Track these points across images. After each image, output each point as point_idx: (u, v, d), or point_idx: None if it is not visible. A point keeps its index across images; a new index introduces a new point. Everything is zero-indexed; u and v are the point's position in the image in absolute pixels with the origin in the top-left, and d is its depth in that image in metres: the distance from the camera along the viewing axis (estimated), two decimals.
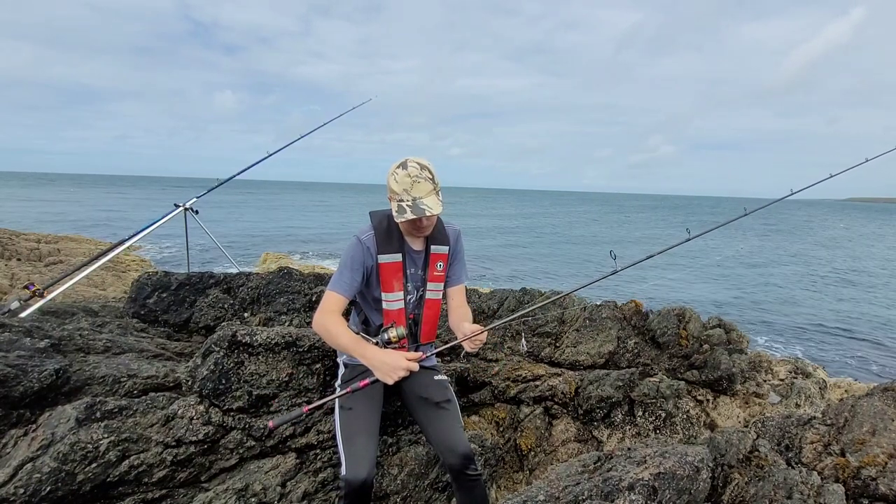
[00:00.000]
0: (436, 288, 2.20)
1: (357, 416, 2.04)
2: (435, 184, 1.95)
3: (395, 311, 2.13)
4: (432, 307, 2.22)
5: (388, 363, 1.90)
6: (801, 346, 11.99)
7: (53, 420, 2.04)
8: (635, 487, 1.84)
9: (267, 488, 2.19)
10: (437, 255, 2.17)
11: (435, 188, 1.96)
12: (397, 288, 2.12)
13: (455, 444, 2.01)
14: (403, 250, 2.11)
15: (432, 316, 2.22)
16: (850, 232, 55.80)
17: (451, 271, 2.26)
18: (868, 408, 2.41)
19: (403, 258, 2.11)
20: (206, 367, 2.33)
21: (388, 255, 2.08)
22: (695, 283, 20.33)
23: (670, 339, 3.83)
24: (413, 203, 1.91)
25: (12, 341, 2.33)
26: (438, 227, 2.19)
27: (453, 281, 2.27)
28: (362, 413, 2.05)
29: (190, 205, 4.55)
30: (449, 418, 2.10)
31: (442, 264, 2.19)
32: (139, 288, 3.41)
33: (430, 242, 2.17)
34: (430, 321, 2.23)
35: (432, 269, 2.16)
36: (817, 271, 25.09)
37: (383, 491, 2.34)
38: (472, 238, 30.63)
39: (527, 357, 3.67)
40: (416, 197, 1.91)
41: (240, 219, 40.18)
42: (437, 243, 2.18)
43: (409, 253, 2.14)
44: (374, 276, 2.10)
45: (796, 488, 2.03)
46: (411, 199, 1.91)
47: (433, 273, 2.17)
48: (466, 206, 78.85)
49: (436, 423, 2.10)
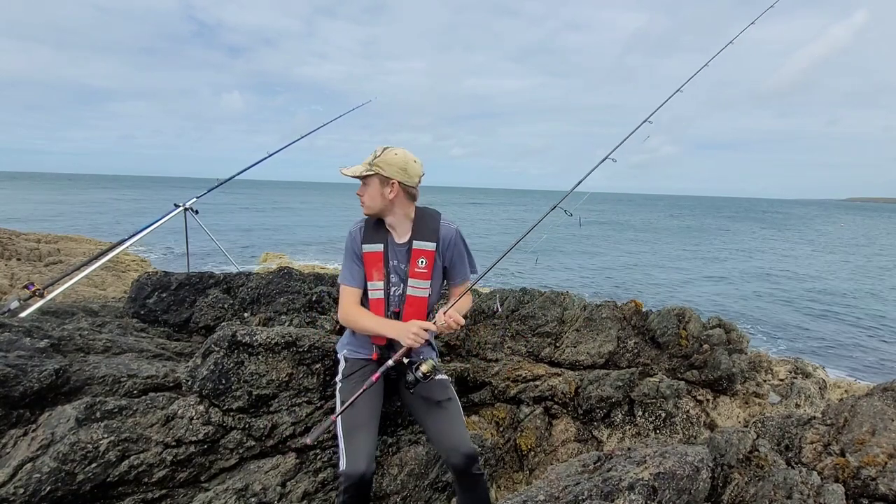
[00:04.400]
0: (418, 285, 2.16)
1: (358, 413, 2.04)
2: (372, 156, 2.15)
3: (375, 301, 2.16)
4: (414, 304, 2.16)
5: (406, 328, 2.01)
6: (802, 347, 11.99)
7: (53, 420, 2.04)
8: (635, 487, 1.84)
9: (267, 488, 2.19)
10: (419, 251, 2.15)
11: (368, 160, 2.14)
12: (377, 277, 2.15)
13: (458, 443, 2.00)
14: (386, 241, 2.16)
15: (414, 314, 2.15)
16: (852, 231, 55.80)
17: (452, 270, 2.25)
18: (868, 408, 2.41)
19: (385, 249, 2.15)
20: (206, 367, 2.33)
21: (370, 244, 2.17)
22: (699, 284, 20.34)
23: (670, 338, 3.83)
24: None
25: (12, 341, 2.33)
26: (426, 221, 2.19)
27: (456, 280, 2.28)
28: (363, 409, 2.05)
29: (190, 205, 4.55)
30: (451, 417, 2.10)
31: (425, 261, 2.15)
32: (139, 288, 3.41)
33: (415, 237, 2.16)
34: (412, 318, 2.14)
35: (413, 264, 2.14)
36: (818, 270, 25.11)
37: (383, 491, 2.34)
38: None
39: (526, 357, 3.67)
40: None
41: (240, 219, 40.19)
42: (421, 238, 2.16)
43: (392, 244, 2.17)
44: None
45: (796, 488, 2.03)
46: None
47: (414, 269, 2.14)
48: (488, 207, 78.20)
49: (438, 422, 2.09)
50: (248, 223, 36.64)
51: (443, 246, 2.18)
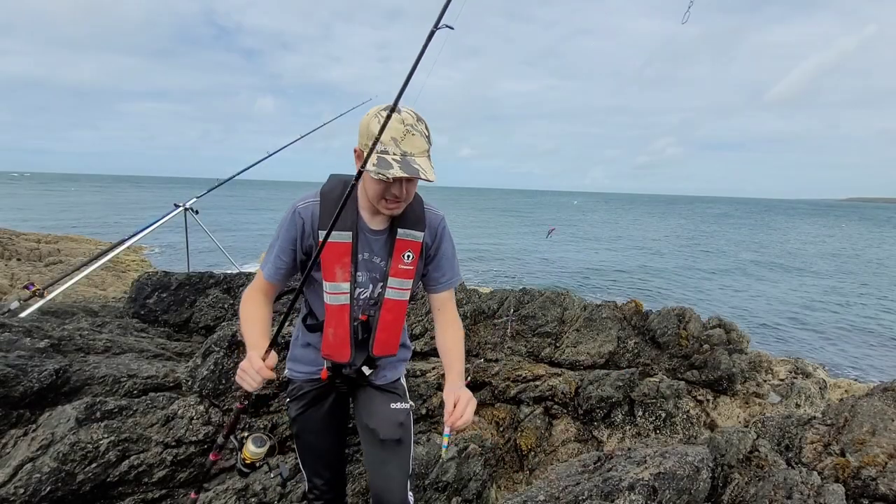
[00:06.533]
0: (400, 286, 1.62)
1: (309, 447, 1.78)
2: (430, 144, 1.47)
3: (336, 309, 1.60)
4: (393, 310, 1.64)
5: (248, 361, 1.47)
6: (802, 347, 12.00)
7: (53, 420, 2.04)
8: (635, 487, 1.84)
9: (267, 488, 2.18)
10: (405, 242, 1.61)
11: (429, 150, 1.46)
12: (341, 277, 1.58)
13: (386, 495, 1.64)
14: (357, 228, 1.58)
15: (392, 322, 1.65)
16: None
17: (436, 270, 1.68)
18: (868, 408, 2.41)
19: (354, 238, 1.58)
20: (206, 367, 2.33)
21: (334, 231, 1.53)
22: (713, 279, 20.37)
23: (670, 339, 3.83)
24: (402, 159, 1.39)
25: (12, 341, 2.33)
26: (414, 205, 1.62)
27: (441, 284, 1.69)
28: (314, 442, 1.77)
29: (190, 205, 4.56)
30: (389, 463, 1.67)
31: (412, 255, 1.62)
32: (139, 288, 3.41)
33: (398, 224, 1.60)
34: (389, 329, 1.66)
35: (397, 260, 1.60)
36: (816, 271, 25.13)
37: None
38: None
39: (527, 357, 3.68)
40: (406, 152, 1.39)
41: (240, 218, 40.21)
42: (407, 226, 1.60)
43: (364, 232, 1.59)
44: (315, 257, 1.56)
45: (796, 488, 2.03)
46: (400, 154, 1.39)
47: (398, 265, 1.60)
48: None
49: (373, 463, 1.70)
50: (249, 223, 36.65)
51: (430, 236, 1.66)
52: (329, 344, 1.64)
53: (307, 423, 1.74)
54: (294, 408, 1.74)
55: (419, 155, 1.42)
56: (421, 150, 1.42)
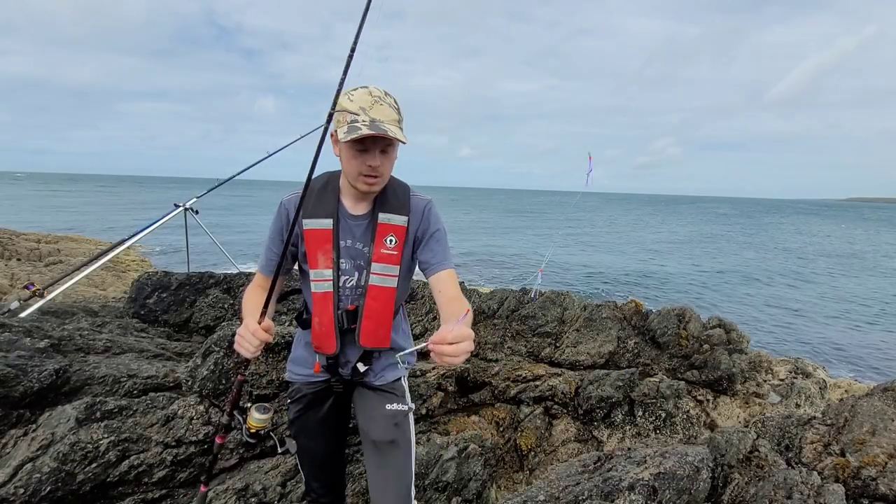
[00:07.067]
0: (384, 271, 1.61)
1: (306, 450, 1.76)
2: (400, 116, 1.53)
3: (321, 296, 1.60)
4: (379, 298, 1.61)
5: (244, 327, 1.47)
6: (801, 346, 12.00)
7: (53, 420, 2.04)
8: (635, 487, 1.84)
9: (267, 488, 2.19)
10: (387, 226, 1.61)
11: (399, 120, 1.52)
12: (323, 264, 1.59)
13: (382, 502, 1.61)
14: (337, 214, 1.60)
15: (378, 310, 1.62)
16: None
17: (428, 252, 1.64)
18: (868, 408, 2.41)
19: (335, 224, 1.60)
20: (206, 367, 2.33)
21: (313, 219, 1.59)
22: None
23: (670, 339, 3.83)
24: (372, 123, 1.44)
25: (12, 341, 2.33)
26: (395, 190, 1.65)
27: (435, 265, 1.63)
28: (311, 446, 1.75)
29: (190, 205, 4.55)
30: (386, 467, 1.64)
31: (394, 239, 1.61)
32: (139, 288, 3.41)
33: (379, 209, 1.62)
34: (377, 317, 1.62)
35: (379, 244, 1.60)
36: (815, 270, 25.13)
37: None
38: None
39: (527, 357, 3.68)
40: (375, 119, 1.45)
41: (240, 219, 40.22)
42: (388, 210, 1.62)
43: (345, 218, 1.61)
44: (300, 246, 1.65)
45: (796, 488, 2.03)
46: (370, 120, 1.44)
47: (380, 250, 1.60)
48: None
49: (370, 468, 1.67)
50: (249, 223, 36.66)
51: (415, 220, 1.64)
52: (317, 334, 1.64)
53: (304, 426, 1.74)
54: (293, 410, 1.74)
55: (389, 122, 1.47)
56: (390, 118, 1.48)
